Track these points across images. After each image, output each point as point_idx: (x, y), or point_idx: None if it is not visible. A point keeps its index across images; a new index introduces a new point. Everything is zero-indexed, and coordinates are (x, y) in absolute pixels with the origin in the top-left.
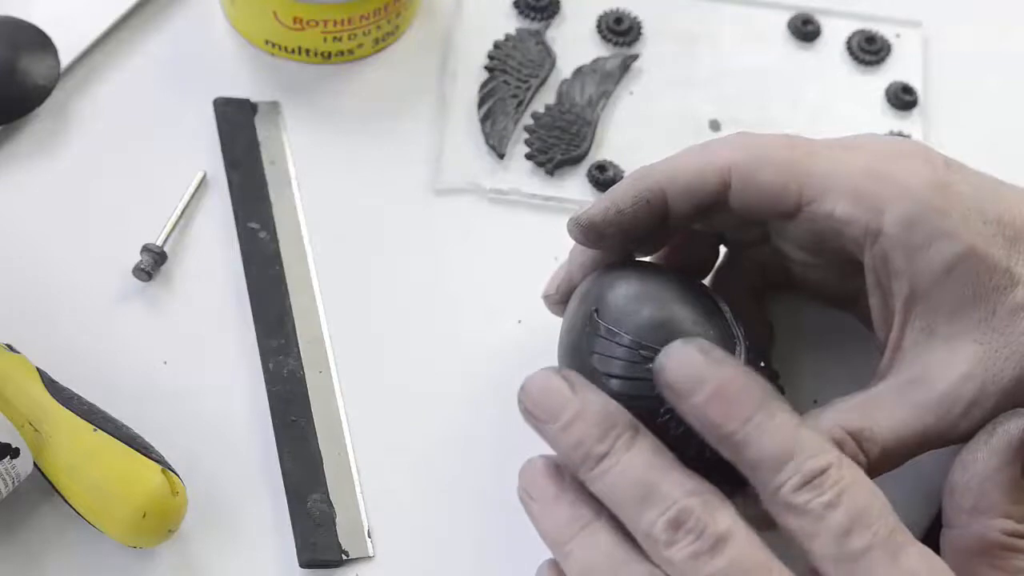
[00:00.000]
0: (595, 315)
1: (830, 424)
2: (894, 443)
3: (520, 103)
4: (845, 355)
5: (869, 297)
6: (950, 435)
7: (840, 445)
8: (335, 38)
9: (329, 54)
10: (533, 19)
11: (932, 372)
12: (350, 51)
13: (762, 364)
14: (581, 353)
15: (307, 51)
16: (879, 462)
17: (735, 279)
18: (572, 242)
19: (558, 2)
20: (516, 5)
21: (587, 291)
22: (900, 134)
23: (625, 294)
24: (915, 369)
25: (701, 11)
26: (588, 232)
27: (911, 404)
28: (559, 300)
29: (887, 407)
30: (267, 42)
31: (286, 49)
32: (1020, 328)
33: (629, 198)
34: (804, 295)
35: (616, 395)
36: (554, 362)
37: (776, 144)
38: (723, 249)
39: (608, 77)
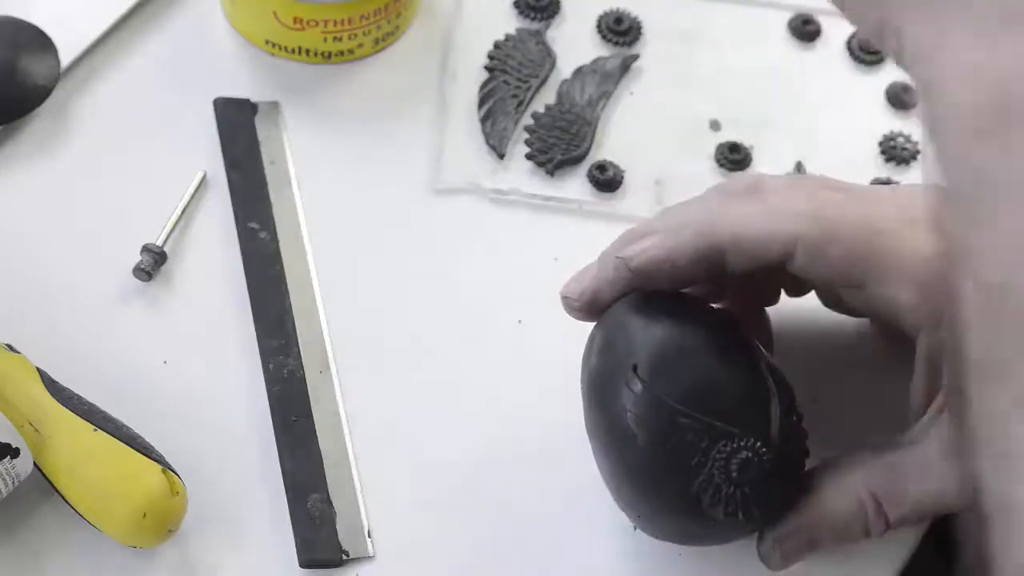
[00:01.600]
0: (634, 371)
1: (858, 484)
2: (914, 512)
3: (520, 103)
4: (844, 354)
5: (916, 364)
6: (968, 503)
7: (862, 505)
8: (335, 38)
9: (329, 54)
10: (533, 19)
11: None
12: (350, 51)
13: (794, 418)
14: (609, 401)
15: (307, 51)
16: (898, 524)
17: (747, 293)
18: (574, 243)
19: (558, 2)
20: (516, 5)
21: (618, 330)
22: (901, 134)
23: (664, 348)
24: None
25: (701, 11)
26: (636, 276)
27: (942, 478)
28: (579, 308)
29: (917, 475)
30: (267, 42)
31: (286, 49)
32: None
33: (688, 254)
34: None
35: (646, 453)
36: (553, 362)
37: (845, 219)
38: None
39: (608, 77)
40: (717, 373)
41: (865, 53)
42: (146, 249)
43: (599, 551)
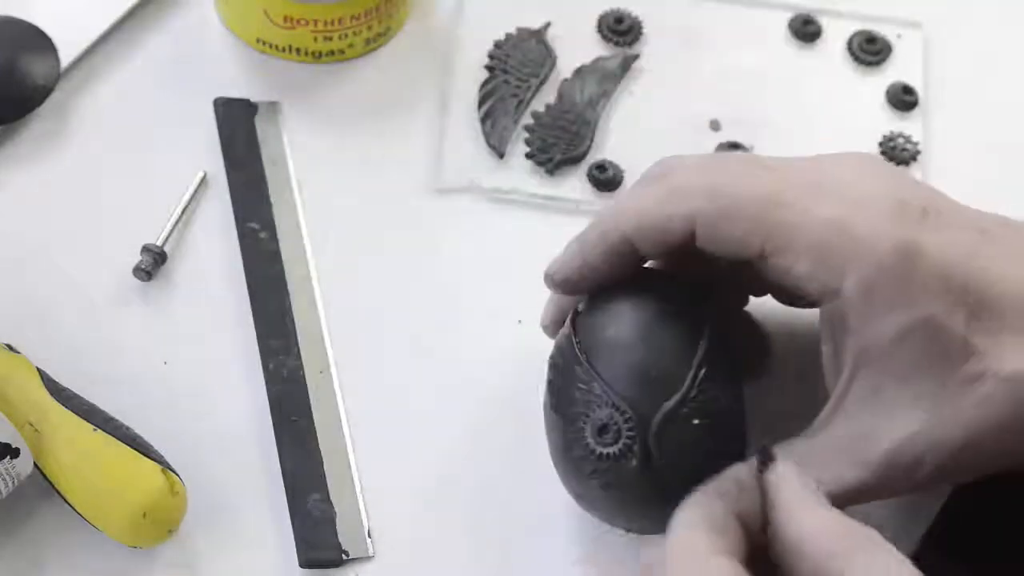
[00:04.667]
0: (577, 348)
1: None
2: (830, 498)
3: (520, 102)
4: None
5: (822, 344)
6: (890, 491)
7: None
8: (325, 37)
9: (319, 53)
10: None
11: (875, 433)
12: (340, 51)
13: (699, 417)
14: (568, 378)
15: (297, 50)
16: None
17: (732, 289)
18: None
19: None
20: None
21: (571, 318)
22: (901, 135)
23: (603, 330)
24: (858, 426)
25: (701, 11)
26: (564, 287)
27: (851, 462)
28: (554, 332)
29: (827, 461)
30: (258, 40)
31: (276, 48)
32: (969, 399)
33: (599, 254)
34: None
35: (555, 402)
36: None
37: (743, 192)
38: None
39: (608, 77)
40: (640, 344)
41: (865, 53)
42: (146, 249)
43: (601, 552)
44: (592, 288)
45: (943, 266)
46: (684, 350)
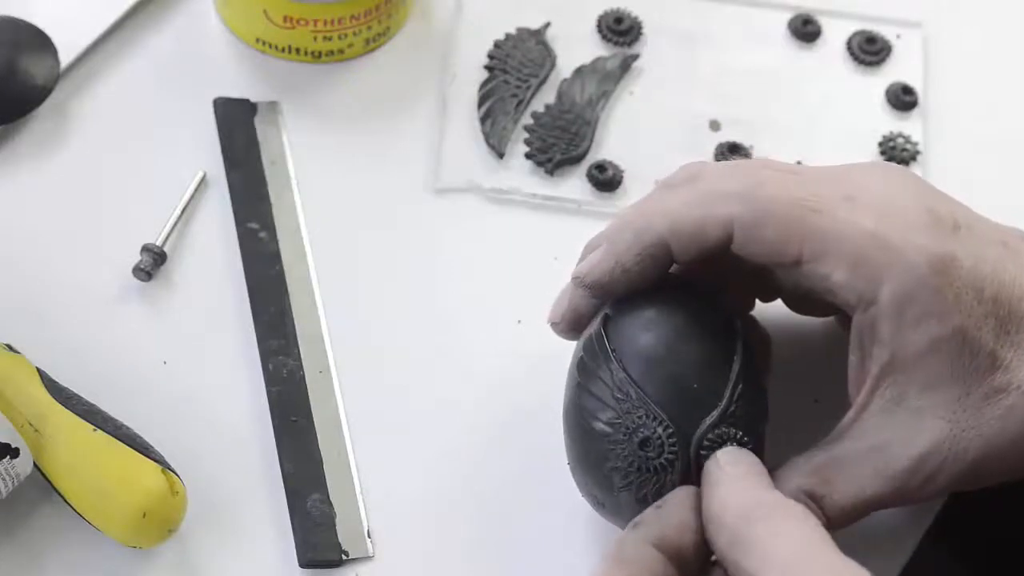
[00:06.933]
0: (613, 356)
1: (793, 488)
2: (851, 507)
3: (520, 103)
4: (844, 354)
5: (849, 353)
6: (905, 499)
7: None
8: (325, 37)
9: (319, 53)
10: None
11: (897, 443)
12: (340, 51)
13: (739, 433)
14: (600, 386)
15: (297, 50)
16: (836, 522)
17: (742, 293)
18: (574, 243)
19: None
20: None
21: (602, 322)
22: (901, 135)
23: (638, 338)
24: (880, 436)
25: (701, 11)
26: (594, 289)
27: (872, 471)
28: (565, 329)
29: (848, 471)
30: (258, 40)
31: (276, 48)
32: (992, 412)
33: (633, 256)
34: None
35: (608, 430)
36: (553, 363)
37: (779, 198)
38: None
39: (608, 77)
40: (679, 355)
41: (865, 54)
42: (146, 249)
43: (602, 549)
44: (620, 291)
45: (976, 278)
46: (721, 362)
